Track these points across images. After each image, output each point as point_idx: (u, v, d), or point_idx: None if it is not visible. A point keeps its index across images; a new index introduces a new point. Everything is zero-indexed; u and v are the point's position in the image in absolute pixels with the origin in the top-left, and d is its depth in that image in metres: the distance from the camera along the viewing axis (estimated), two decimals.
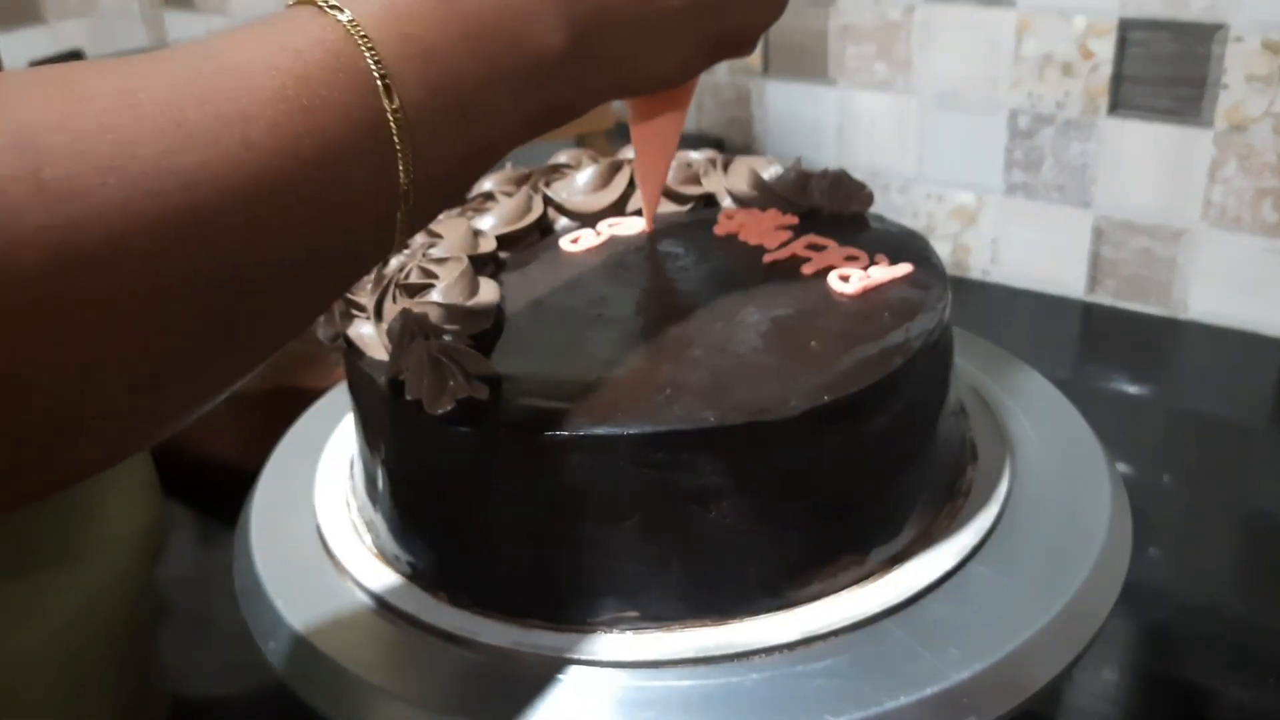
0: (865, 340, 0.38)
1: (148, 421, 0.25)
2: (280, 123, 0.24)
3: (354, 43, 0.26)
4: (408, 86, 0.27)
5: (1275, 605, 0.50)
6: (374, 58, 0.26)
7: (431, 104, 0.27)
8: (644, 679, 0.35)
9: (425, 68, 0.27)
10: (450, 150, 0.29)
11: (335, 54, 0.26)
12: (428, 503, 0.39)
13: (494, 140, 0.30)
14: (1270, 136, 0.68)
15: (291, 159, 0.25)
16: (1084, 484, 0.42)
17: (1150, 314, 0.76)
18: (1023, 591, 0.37)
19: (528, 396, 0.36)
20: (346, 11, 0.27)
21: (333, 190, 0.26)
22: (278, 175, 0.24)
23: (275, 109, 0.24)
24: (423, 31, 0.27)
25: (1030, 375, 0.50)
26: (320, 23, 0.26)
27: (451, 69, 0.28)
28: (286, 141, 0.25)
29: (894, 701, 0.33)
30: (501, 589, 0.38)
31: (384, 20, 0.27)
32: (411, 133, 0.27)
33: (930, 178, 0.83)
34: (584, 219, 0.50)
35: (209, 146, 0.23)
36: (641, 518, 0.35)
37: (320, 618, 0.39)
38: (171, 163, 0.23)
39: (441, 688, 0.35)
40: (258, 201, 0.24)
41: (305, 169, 0.25)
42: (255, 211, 0.24)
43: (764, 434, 0.35)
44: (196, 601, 0.54)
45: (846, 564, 0.37)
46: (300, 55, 0.25)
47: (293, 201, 0.25)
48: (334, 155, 0.25)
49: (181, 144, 0.23)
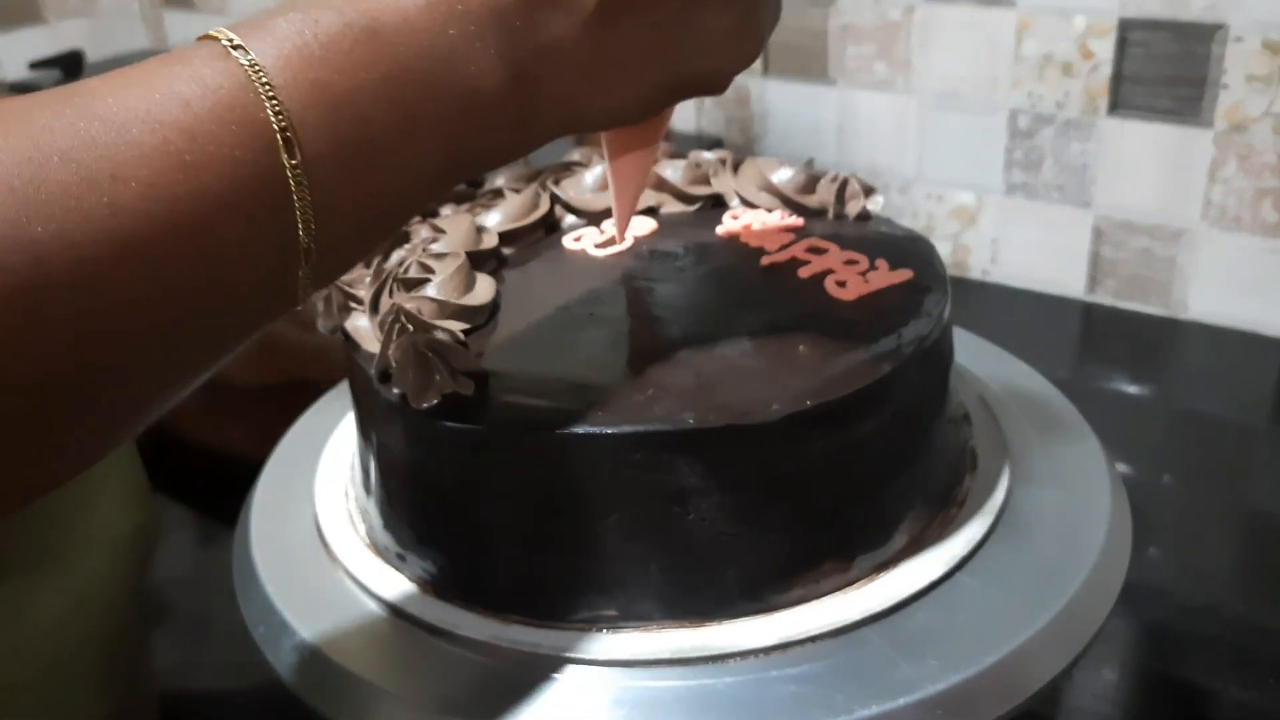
0: (855, 345, 0.38)
1: None
2: (156, 183, 0.22)
3: (254, 90, 0.24)
4: (311, 138, 0.24)
5: (1275, 605, 0.50)
6: (275, 108, 0.24)
7: (338, 157, 0.25)
8: (620, 678, 0.35)
9: (334, 117, 0.25)
10: (359, 205, 0.26)
11: (230, 104, 0.24)
12: (413, 495, 0.39)
13: (410, 190, 0.28)
14: (1270, 136, 0.68)
15: (166, 223, 0.23)
16: (1084, 485, 0.42)
17: (1150, 314, 0.76)
18: (1010, 602, 0.36)
19: (513, 393, 0.37)
20: (250, 53, 0.24)
21: (215, 253, 0.24)
22: (149, 240, 0.22)
23: (151, 167, 0.22)
24: (335, 76, 0.25)
25: (1030, 375, 0.50)
26: (219, 66, 0.24)
27: (364, 117, 0.25)
28: (161, 203, 0.23)
29: (865, 710, 0.33)
30: (483, 584, 0.38)
31: (292, 64, 0.25)
32: (313, 189, 0.25)
33: (930, 178, 0.83)
34: (590, 217, 0.50)
35: (69, 213, 0.21)
36: (621, 517, 0.35)
37: (314, 611, 0.39)
38: (22, 233, 0.21)
39: (427, 683, 0.36)
40: (122, 268, 0.22)
41: (182, 232, 0.23)
42: (118, 279, 0.22)
43: (744, 437, 0.35)
44: (195, 601, 0.54)
45: (830, 570, 0.37)
46: (189, 106, 0.23)
47: (166, 267, 0.23)
48: (218, 215, 0.23)
49: (36, 211, 0.21)
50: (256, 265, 0.25)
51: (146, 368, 0.24)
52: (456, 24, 0.27)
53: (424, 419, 0.36)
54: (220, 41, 0.25)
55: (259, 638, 0.39)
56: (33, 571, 0.37)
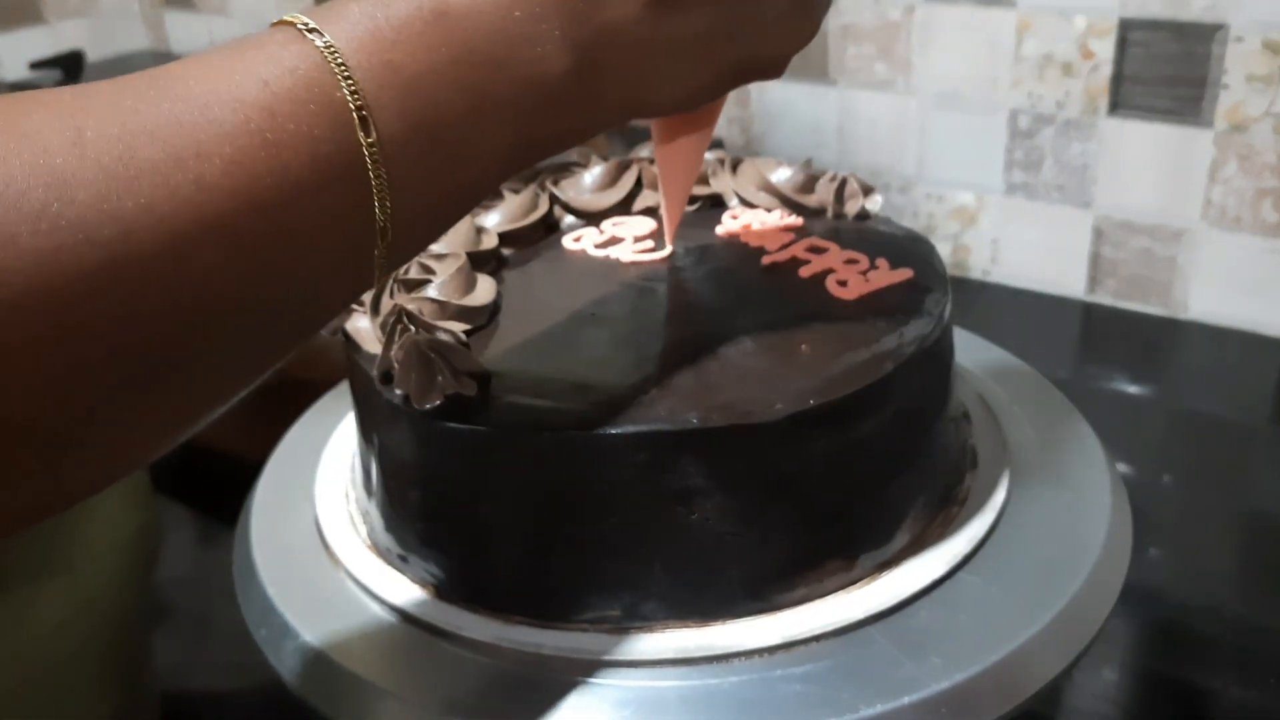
0: (857, 345, 0.38)
1: (78, 476, 0.24)
2: (239, 160, 0.23)
3: (330, 71, 0.24)
4: (386, 118, 0.25)
5: (1275, 605, 0.50)
6: (351, 87, 0.25)
7: (411, 137, 0.26)
8: (624, 678, 0.35)
9: (406, 98, 0.25)
10: (432, 184, 0.27)
11: (307, 83, 0.24)
12: (415, 496, 0.39)
13: (482, 171, 0.29)
14: (1270, 136, 0.68)
15: (249, 199, 0.23)
16: (1084, 485, 0.42)
17: (1150, 314, 0.76)
18: (1013, 600, 0.37)
19: (515, 394, 0.37)
20: (325, 35, 0.25)
21: (296, 230, 0.24)
22: (233, 216, 0.23)
23: (234, 145, 0.23)
24: (407, 58, 0.26)
25: (1031, 375, 0.50)
26: (295, 49, 0.25)
27: (436, 99, 0.26)
28: (245, 180, 0.23)
29: (870, 709, 0.33)
30: (486, 585, 0.38)
31: (366, 46, 0.25)
32: (389, 167, 0.25)
33: (930, 178, 0.83)
34: (589, 217, 0.50)
35: (156, 188, 0.22)
36: (624, 517, 0.35)
37: (315, 613, 0.39)
38: (113, 207, 0.21)
39: (429, 685, 0.36)
40: (208, 245, 0.23)
41: (265, 209, 0.23)
42: (205, 256, 0.23)
43: (747, 436, 0.35)
44: (196, 601, 0.54)
45: (833, 569, 0.37)
46: (268, 85, 0.24)
47: (249, 244, 0.23)
48: (298, 193, 0.24)
49: (126, 186, 0.22)
50: (336, 243, 0.25)
51: (229, 347, 0.25)
52: (522, 6, 0.27)
53: (426, 420, 0.36)
54: (295, 26, 0.25)
55: (260, 640, 0.39)
56: (37, 575, 0.37)
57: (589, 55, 0.28)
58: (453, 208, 0.29)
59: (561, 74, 0.28)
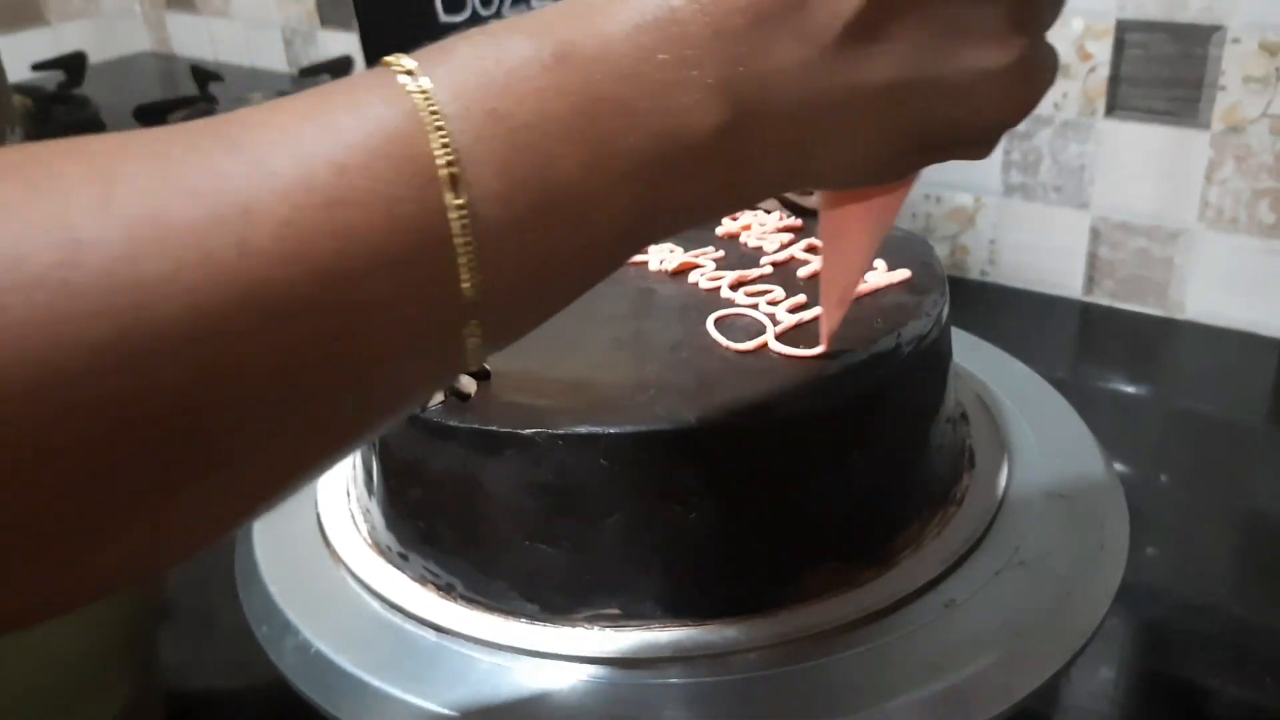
0: (854, 345, 0.38)
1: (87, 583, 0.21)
2: (294, 221, 0.19)
3: (419, 119, 0.21)
4: (481, 175, 0.21)
5: (1272, 604, 0.51)
6: (441, 139, 0.21)
7: (512, 196, 0.21)
8: (622, 676, 0.35)
9: (510, 151, 0.21)
10: (532, 256, 0.22)
11: (389, 134, 0.21)
12: (415, 494, 0.40)
13: (594, 243, 0.24)
14: (1267, 138, 0.68)
15: (300, 268, 0.19)
16: (1081, 484, 0.43)
17: (1147, 314, 0.76)
18: (1010, 599, 0.37)
19: (515, 393, 0.37)
20: (424, 79, 0.21)
21: (360, 305, 0.20)
22: (282, 286, 0.19)
23: (289, 203, 0.20)
24: (516, 106, 0.22)
25: (1028, 376, 0.50)
26: (383, 93, 0.21)
27: (546, 151, 0.22)
28: (298, 245, 0.19)
29: (868, 708, 0.33)
30: (485, 582, 0.38)
31: (469, 91, 0.21)
32: (479, 234, 0.21)
33: (928, 179, 0.82)
34: None
35: (186, 250, 0.19)
36: (623, 516, 0.36)
37: (316, 610, 0.39)
38: (130, 272, 0.18)
39: (429, 682, 0.36)
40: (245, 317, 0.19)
41: (319, 278, 0.20)
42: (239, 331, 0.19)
43: (745, 437, 0.35)
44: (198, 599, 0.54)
45: (830, 569, 0.37)
46: (341, 135, 0.20)
47: (300, 319, 0.20)
48: (366, 261, 0.20)
49: (149, 249, 0.18)
50: (412, 321, 0.21)
51: (273, 437, 0.21)
52: (671, 48, 0.23)
53: (427, 419, 0.36)
54: (392, 67, 0.22)
55: (262, 637, 0.40)
56: None
57: (747, 108, 0.24)
58: (555, 289, 0.24)
59: (709, 129, 0.23)
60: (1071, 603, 0.37)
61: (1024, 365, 0.51)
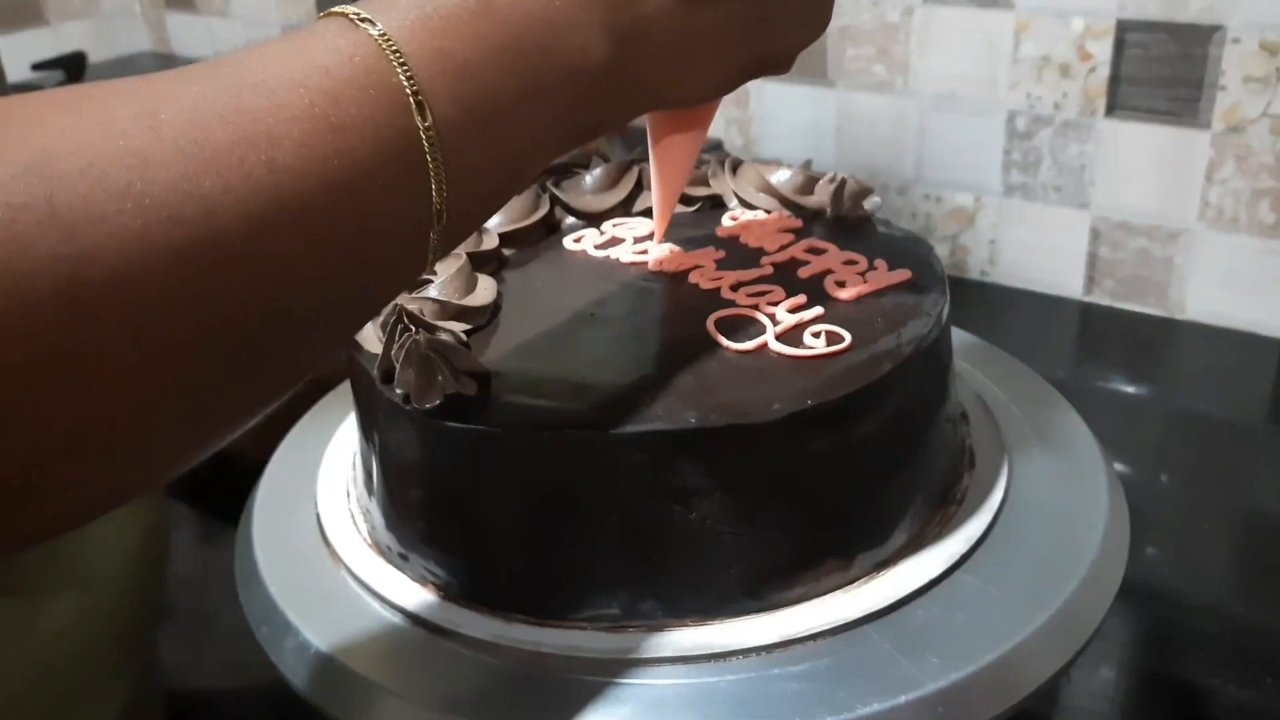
0: (856, 345, 0.38)
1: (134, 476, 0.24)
2: (308, 143, 0.23)
3: (385, 58, 0.25)
4: (440, 104, 0.26)
5: (1273, 604, 0.51)
6: (406, 73, 0.25)
7: (464, 122, 0.26)
8: (623, 676, 0.35)
9: (459, 84, 0.26)
10: (483, 169, 0.27)
11: (366, 70, 0.25)
12: (415, 495, 0.40)
13: (527, 157, 0.29)
14: (1267, 137, 0.68)
15: (319, 181, 0.24)
16: (1082, 484, 0.43)
17: (1147, 314, 0.76)
18: (1010, 599, 0.37)
19: (515, 394, 0.37)
20: (378, 25, 0.26)
21: (363, 212, 0.25)
22: (305, 198, 0.23)
23: (302, 128, 0.24)
24: (457, 45, 0.26)
25: (1028, 375, 0.50)
26: (351, 37, 0.25)
27: (486, 85, 0.27)
28: (314, 163, 0.24)
29: (867, 708, 0.33)
30: (486, 583, 0.38)
31: (417, 34, 0.26)
32: (444, 151, 0.26)
33: (928, 179, 0.83)
34: (590, 218, 0.50)
35: (232, 169, 0.22)
36: (623, 516, 0.36)
37: (316, 611, 0.39)
38: (193, 187, 0.22)
39: (429, 683, 0.36)
40: (283, 226, 0.23)
41: (334, 191, 0.24)
42: (280, 237, 0.23)
43: (746, 436, 0.35)
44: (198, 599, 0.54)
45: (831, 569, 0.37)
46: (329, 72, 0.24)
47: (320, 225, 0.24)
48: (364, 175, 0.24)
49: (203, 167, 0.22)
50: (400, 226, 0.26)
51: (301, 331, 0.25)
52: None
53: (427, 419, 0.36)
54: (347, 16, 0.26)
55: (262, 638, 0.40)
56: (47, 577, 0.37)
57: (625, 45, 0.29)
58: (501, 192, 0.30)
59: (600, 62, 0.29)
60: (1071, 602, 0.37)
61: (1024, 365, 0.51)
